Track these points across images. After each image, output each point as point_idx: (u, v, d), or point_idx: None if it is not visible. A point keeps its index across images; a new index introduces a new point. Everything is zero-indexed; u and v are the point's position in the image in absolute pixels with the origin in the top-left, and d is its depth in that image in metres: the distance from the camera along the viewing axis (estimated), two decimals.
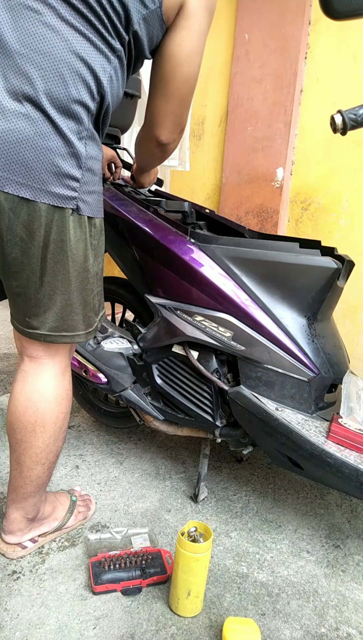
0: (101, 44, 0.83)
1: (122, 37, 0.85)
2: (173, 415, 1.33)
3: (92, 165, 0.88)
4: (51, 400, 1.02)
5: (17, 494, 1.06)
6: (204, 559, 0.97)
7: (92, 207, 0.91)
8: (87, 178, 0.88)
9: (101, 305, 1.06)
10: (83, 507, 1.26)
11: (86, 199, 0.88)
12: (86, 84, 0.82)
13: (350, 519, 1.36)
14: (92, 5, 0.80)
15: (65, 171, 0.83)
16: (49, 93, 0.79)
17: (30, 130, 0.79)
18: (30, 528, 1.13)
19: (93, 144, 0.88)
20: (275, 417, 1.11)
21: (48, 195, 0.83)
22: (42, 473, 1.06)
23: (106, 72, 0.84)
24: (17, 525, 1.10)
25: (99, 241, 0.98)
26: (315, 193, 2.10)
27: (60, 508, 1.20)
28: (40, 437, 1.02)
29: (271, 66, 2.09)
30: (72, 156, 0.83)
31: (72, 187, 0.85)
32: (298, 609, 1.06)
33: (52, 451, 1.05)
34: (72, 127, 0.82)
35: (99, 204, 0.94)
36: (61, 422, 1.05)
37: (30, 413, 1.00)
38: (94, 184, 0.90)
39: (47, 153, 0.80)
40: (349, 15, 0.85)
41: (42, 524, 1.15)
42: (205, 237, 1.17)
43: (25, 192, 0.81)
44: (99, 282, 1.01)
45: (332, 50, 1.95)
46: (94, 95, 0.84)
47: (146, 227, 1.23)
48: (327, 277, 1.10)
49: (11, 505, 1.09)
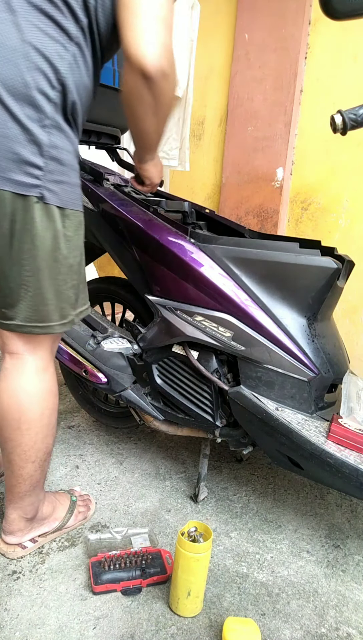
0: (55, 32, 0.82)
1: (79, 21, 0.84)
2: (173, 415, 1.33)
3: (58, 155, 0.87)
4: (34, 396, 1.01)
5: (13, 493, 1.07)
6: (204, 559, 0.97)
7: (62, 198, 0.90)
8: (53, 167, 0.87)
9: (80, 300, 1.04)
10: (83, 507, 1.26)
11: (52, 188, 0.88)
12: (42, 72, 0.82)
13: (350, 519, 1.36)
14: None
15: (25, 158, 0.83)
16: (5, 82, 0.79)
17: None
18: (30, 528, 1.13)
19: (60, 134, 0.87)
20: (275, 417, 1.11)
21: (9, 183, 0.83)
22: (33, 471, 1.05)
23: (65, 60, 0.84)
24: (17, 526, 1.10)
25: (76, 234, 0.97)
26: (315, 193, 2.10)
27: (60, 508, 1.20)
28: (27, 434, 1.02)
29: (271, 66, 2.09)
30: (32, 143, 0.84)
31: (34, 174, 0.85)
32: (298, 609, 1.06)
33: (41, 449, 1.05)
34: (31, 115, 0.82)
35: (70, 195, 0.93)
36: (47, 419, 1.04)
37: (14, 410, 1.00)
38: (62, 174, 0.89)
39: (5, 140, 0.81)
40: (349, 15, 0.85)
41: (42, 524, 1.15)
42: (205, 237, 1.17)
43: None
44: (75, 275, 1.00)
45: (332, 50, 1.95)
46: (53, 84, 0.83)
47: (146, 227, 1.23)
48: (327, 277, 1.10)
49: (9, 505, 1.09)
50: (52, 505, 1.19)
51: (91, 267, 2.30)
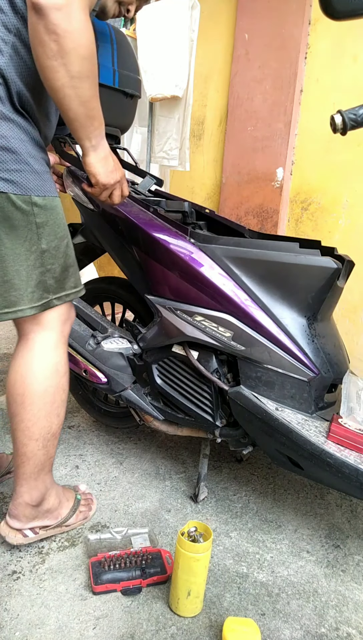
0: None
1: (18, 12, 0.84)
2: (173, 415, 1.33)
3: (6, 144, 0.88)
4: (39, 372, 1.04)
5: (18, 474, 1.10)
6: (204, 559, 0.97)
7: (22, 185, 0.91)
8: (4, 157, 0.88)
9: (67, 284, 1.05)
10: (84, 507, 1.27)
11: (7, 177, 0.89)
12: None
13: (350, 519, 1.36)
14: None
15: None
16: None
17: None
18: (35, 517, 1.14)
19: (8, 124, 0.88)
20: (275, 417, 1.11)
21: None
22: (37, 450, 1.07)
23: (4, 53, 0.85)
24: (22, 511, 1.12)
25: (49, 219, 0.98)
26: (315, 193, 2.10)
27: (65, 504, 1.22)
28: (30, 410, 1.04)
29: (271, 66, 2.09)
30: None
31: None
32: (298, 609, 1.06)
33: (45, 427, 1.07)
34: None
35: (33, 182, 0.93)
36: (51, 397, 1.06)
37: (18, 385, 1.04)
38: (17, 162, 0.90)
39: None
40: (349, 15, 0.85)
41: (46, 516, 1.17)
42: (205, 237, 1.17)
43: None
44: (52, 259, 1.01)
45: (332, 50, 1.95)
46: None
47: (146, 227, 1.23)
48: (327, 277, 1.10)
49: (16, 489, 1.12)
50: (58, 499, 1.20)
51: (91, 267, 2.30)
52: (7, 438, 1.62)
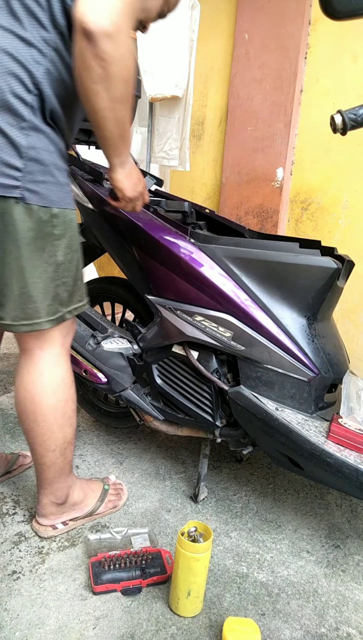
0: (31, 38, 0.84)
1: (58, 26, 0.85)
2: (173, 415, 1.33)
3: (36, 156, 0.88)
4: (46, 389, 1.05)
5: (40, 480, 1.14)
6: (204, 559, 0.97)
7: (46, 197, 0.91)
8: (33, 168, 0.88)
9: (75, 297, 1.06)
10: (114, 497, 1.31)
11: (33, 188, 0.89)
12: (16, 77, 0.83)
13: (350, 519, 1.36)
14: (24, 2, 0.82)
15: (3, 160, 0.85)
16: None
17: None
18: (62, 512, 1.19)
19: (38, 135, 0.88)
20: (275, 417, 1.11)
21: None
22: (55, 459, 1.10)
23: (41, 65, 0.85)
24: (49, 510, 1.17)
25: (66, 232, 0.97)
26: (315, 193, 2.10)
27: (91, 495, 1.26)
28: (43, 425, 1.07)
29: (271, 66, 2.09)
30: (10, 145, 0.85)
31: (13, 176, 0.86)
32: (298, 609, 1.06)
33: (59, 438, 1.09)
34: (8, 119, 0.84)
35: (56, 193, 0.93)
36: (61, 410, 1.08)
37: (29, 403, 1.05)
38: (44, 173, 0.90)
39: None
40: (349, 15, 0.85)
41: (73, 509, 1.21)
42: (205, 237, 1.17)
43: None
44: (66, 272, 1.01)
45: (332, 50, 1.95)
46: (29, 88, 0.85)
47: (146, 227, 1.23)
48: (327, 277, 1.10)
49: (40, 491, 1.15)
50: (83, 492, 1.24)
51: (91, 267, 2.30)
52: (7, 438, 1.63)
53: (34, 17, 0.83)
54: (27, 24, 0.83)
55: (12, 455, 1.42)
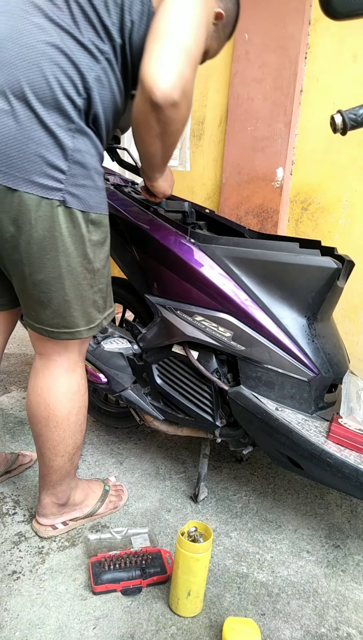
0: (88, 44, 0.84)
1: (113, 40, 0.86)
2: (173, 415, 1.33)
3: (80, 159, 0.88)
4: (61, 396, 1.05)
5: (45, 481, 1.13)
6: (204, 559, 0.97)
7: (85, 202, 0.90)
8: (75, 171, 0.87)
9: (108, 303, 1.06)
10: (115, 497, 1.31)
11: (75, 192, 0.88)
12: (69, 78, 0.83)
13: (350, 519, 1.36)
14: (82, 7, 0.83)
15: (48, 161, 0.84)
16: (32, 85, 0.80)
17: (14, 124, 0.80)
18: (62, 512, 1.19)
19: (83, 137, 0.88)
20: (275, 417, 1.11)
21: (32, 185, 0.83)
22: (63, 464, 1.10)
23: (93, 71, 0.85)
24: (50, 510, 1.17)
25: (101, 237, 0.97)
26: (315, 193, 2.09)
27: (92, 496, 1.26)
28: (55, 431, 1.06)
29: (271, 66, 2.08)
30: (57, 146, 0.84)
31: (57, 178, 0.85)
32: (298, 609, 1.06)
33: (70, 444, 1.09)
34: (57, 119, 0.83)
35: (95, 198, 0.93)
36: (74, 417, 1.08)
37: (42, 409, 1.05)
38: (85, 177, 0.89)
39: (29, 143, 0.81)
40: (349, 15, 0.85)
41: (73, 509, 1.21)
42: (205, 237, 1.17)
43: (8, 180, 0.82)
44: (102, 278, 1.01)
45: (332, 50, 1.95)
46: (80, 91, 0.85)
47: (146, 227, 1.23)
48: (327, 277, 1.10)
49: (42, 491, 1.15)
50: (84, 492, 1.24)
51: None
52: (7, 438, 1.63)
53: (92, 25, 0.84)
54: (83, 29, 0.83)
55: (11, 455, 1.42)
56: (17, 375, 2.12)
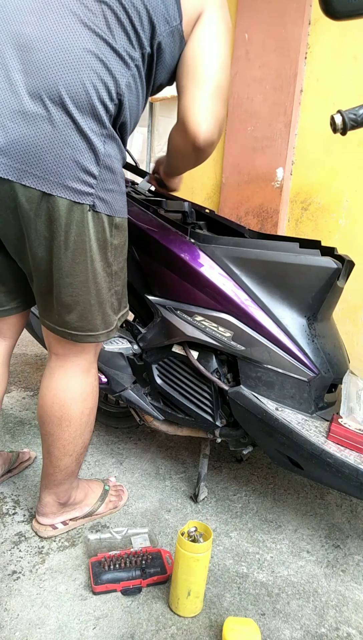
0: (121, 50, 0.85)
1: (143, 48, 0.88)
2: (173, 415, 1.33)
3: (110, 164, 0.89)
4: (76, 396, 1.06)
5: (49, 480, 1.13)
6: (204, 559, 0.97)
7: (112, 206, 0.92)
8: (105, 176, 0.89)
9: (122, 304, 1.08)
10: (115, 497, 1.31)
11: (103, 196, 0.89)
12: (104, 83, 0.84)
13: (350, 519, 1.36)
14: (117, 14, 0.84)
15: (82, 165, 0.85)
16: (70, 90, 0.81)
17: (50, 129, 0.81)
18: (63, 512, 1.19)
19: (112, 143, 0.89)
20: (275, 417, 1.11)
21: (65, 190, 0.84)
22: (70, 463, 1.11)
23: (124, 77, 0.87)
24: (50, 509, 1.17)
25: (121, 241, 0.99)
26: (315, 193, 2.09)
27: (91, 495, 1.26)
28: (67, 431, 1.07)
29: (271, 66, 2.08)
30: (90, 151, 0.85)
31: (89, 183, 0.86)
32: (298, 609, 1.06)
33: (79, 444, 1.10)
34: (91, 124, 0.84)
35: (120, 203, 0.95)
36: (86, 417, 1.09)
37: (57, 408, 1.05)
38: (113, 182, 0.91)
39: (65, 147, 0.82)
40: (349, 15, 0.85)
41: (73, 508, 1.22)
42: (205, 237, 1.17)
43: (43, 185, 0.83)
44: (118, 280, 1.02)
45: (332, 50, 1.95)
46: (113, 97, 0.86)
47: (146, 227, 1.23)
48: (327, 277, 1.10)
49: (44, 490, 1.15)
50: (84, 492, 1.25)
51: None
52: (7, 438, 1.63)
53: (125, 31, 0.85)
54: (117, 36, 0.84)
55: (12, 454, 1.42)
56: (17, 375, 2.12)
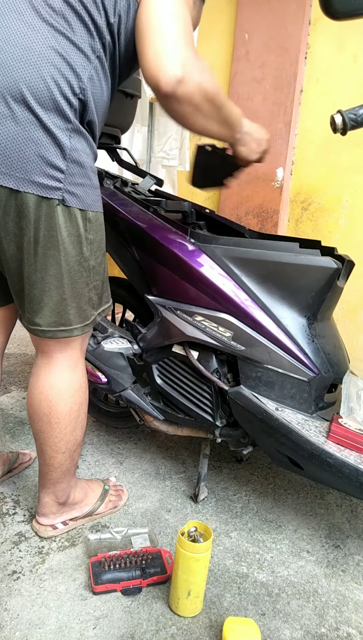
0: (80, 44, 0.85)
1: (103, 37, 0.87)
2: (173, 415, 1.33)
3: (77, 158, 0.89)
4: (63, 393, 1.05)
5: (45, 480, 1.13)
6: (204, 559, 0.97)
7: (83, 200, 0.92)
8: (73, 170, 0.89)
9: (103, 299, 1.08)
10: (115, 497, 1.31)
11: (73, 190, 0.89)
12: (66, 79, 0.84)
13: (350, 519, 1.36)
14: (73, 7, 0.83)
15: (48, 161, 0.85)
16: (30, 86, 0.81)
17: (14, 126, 0.81)
18: (62, 512, 1.19)
19: (79, 137, 0.89)
20: (275, 417, 1.11)
21: (32, 185, 0.85)
22: (64, 461, 1.11)
23: (86, 70, 0.86)
24: (49, 509, 1.17)
25: (97, 235, 0.99)
26: (315, 193, 2.10)
27: (91, 495, 1.26)
28: (56, 428, 1.07)
29: (271, 66, 2.08)
30: (55, 146, 0.85)
31: (56, 177, 0.86)
32: (298, 609, 1.06)
33: (70, 440, 1.10)
34: (54, 120, 0.84)
35: (92, 197, 0.94)
36: (75, 413, 1.08)
37: (44, 406, 1.05)
38: (83, 176, 0.91)
39: (29, 144, 0.83)
40: (349, 15, 0.85)
41: (73, 508, 1.21)
42: (205, 237, 1.17)
43: (9, 181, 0.83)
44: (97, 275, 1.02)
45: (332, 50, 1.95)
46: (75, 91, 0.86)
47: (146, 227, 1.23)
48: (327, 277, 1.10)
49: (42, 490, 1.15)
50: (83, 491, 1.24)
51: None
52: (7, 438, 1.63)
53: (84, 24, 0.85)
54: (76, 29, 0.84)
55: (12, 454, 1.42)
56: (17, 375, 2.12)
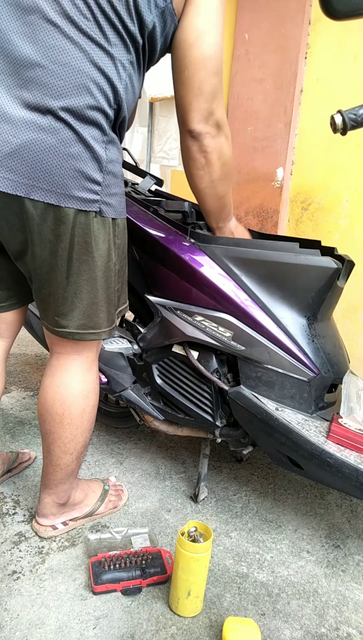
0: (116, 53, 0.85)
1: (137, 43, 0.88)
2: (173, 415, 1.33)
3: (113, 169, 0.91)
4: (78, 394, 1.06)
5: (48, 480, 1.13)
6: (204, 559, 0.97)
7: (115, 209, 0.94)
8: (109, 181, 0.90)
9: (121, 299, 1.09)
10: (114, 497, 1.31)
11: (108, 201, 0.91)
12: (103, 93, 0.85)
13: (350, 519, 1.36)
14: (108, 16, 0.83)
15: (87, 175, 0.86)
16: (70, 103, 0.82)
17: (53, 140, 0.82)
18: (63, 512, 1.19)
19: (113, 147, 0.91)
20: (275, 417, 1.11)
21: (72, 200, 0.86)
22: (70, 462, 1.11)
23: (122, 80, 0.87)
24: (50, 510, 1.17)
25: (123, 240, 1.01)
26: (315, 193, 2.09)
27: (91, 495, 1.26)
28: (68, 429, 1.07)
29: (271, 66, 2.08)
30: (94, 160, 0.86)
31: (94, 190, 0.88)
32: (298, 609, 1.06)
33: (80, 442, 1.10)
34: (93, 133, 0.85)
35: (121, 204, 0.97)
36: (88, 415, 1.09)
37: (58, 406, 1.05)
38: (116, 186, 0.93)
39: (69, 159, 0.84)
40: (349, 15, 0.85)
41: (73, 509, 1.21)
42: (205, 237, 1.17)
43: (51, 198, 0.85)
44: (120, 278, 1.04)
45: (332, 50, 1.95)
46: (112, 103, 0.87)
47: (146, 227, 1.23)
48: (327, 277, 1.10)
49: (44, 490, 1.15)
50: (84, 492, 1.25)
51: None
52: (7, 438, 1.63)
53: (118, 33, 0.84)
54: (111, 38, 0.84)
55: (11, 454, 1.42)
56: (17, 375, 2.12)
